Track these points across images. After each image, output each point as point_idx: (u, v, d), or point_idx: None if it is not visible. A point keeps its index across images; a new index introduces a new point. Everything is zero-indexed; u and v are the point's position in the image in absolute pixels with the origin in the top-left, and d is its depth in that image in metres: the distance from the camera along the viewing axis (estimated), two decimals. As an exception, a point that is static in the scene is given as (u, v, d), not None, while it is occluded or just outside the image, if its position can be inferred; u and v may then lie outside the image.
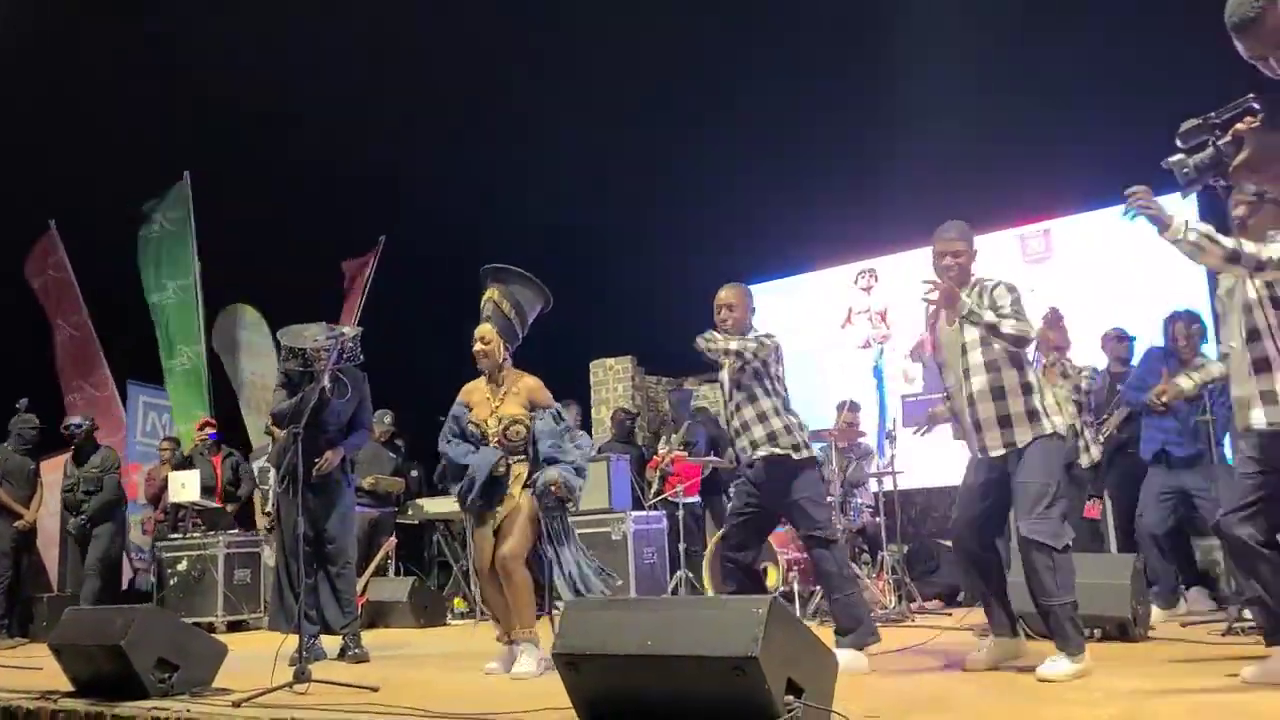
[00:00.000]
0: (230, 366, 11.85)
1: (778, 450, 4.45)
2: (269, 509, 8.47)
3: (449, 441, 4.86)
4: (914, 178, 10.14)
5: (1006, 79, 10.61)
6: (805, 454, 4.51)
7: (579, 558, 4.76)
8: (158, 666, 4.01)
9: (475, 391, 4.90)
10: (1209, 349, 5.74)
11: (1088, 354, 7.05)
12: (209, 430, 9.20)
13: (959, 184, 9.80)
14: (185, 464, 9.04)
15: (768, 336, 4.57)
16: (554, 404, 4.90)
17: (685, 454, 8.12)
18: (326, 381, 5.05)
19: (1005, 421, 3.92)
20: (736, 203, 12.32)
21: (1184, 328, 5.77)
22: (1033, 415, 3.90)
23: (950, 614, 6.48)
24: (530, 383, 4.85)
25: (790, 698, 2.66)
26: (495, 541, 4.68)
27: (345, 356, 5.20)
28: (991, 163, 10.07)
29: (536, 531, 4.68)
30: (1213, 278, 8.04)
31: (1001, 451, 3.93)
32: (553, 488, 4.58)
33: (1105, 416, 6.41)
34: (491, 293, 4.92)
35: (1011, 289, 4.00)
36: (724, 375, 4.66)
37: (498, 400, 4.81)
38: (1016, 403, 3.92)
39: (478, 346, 4.82)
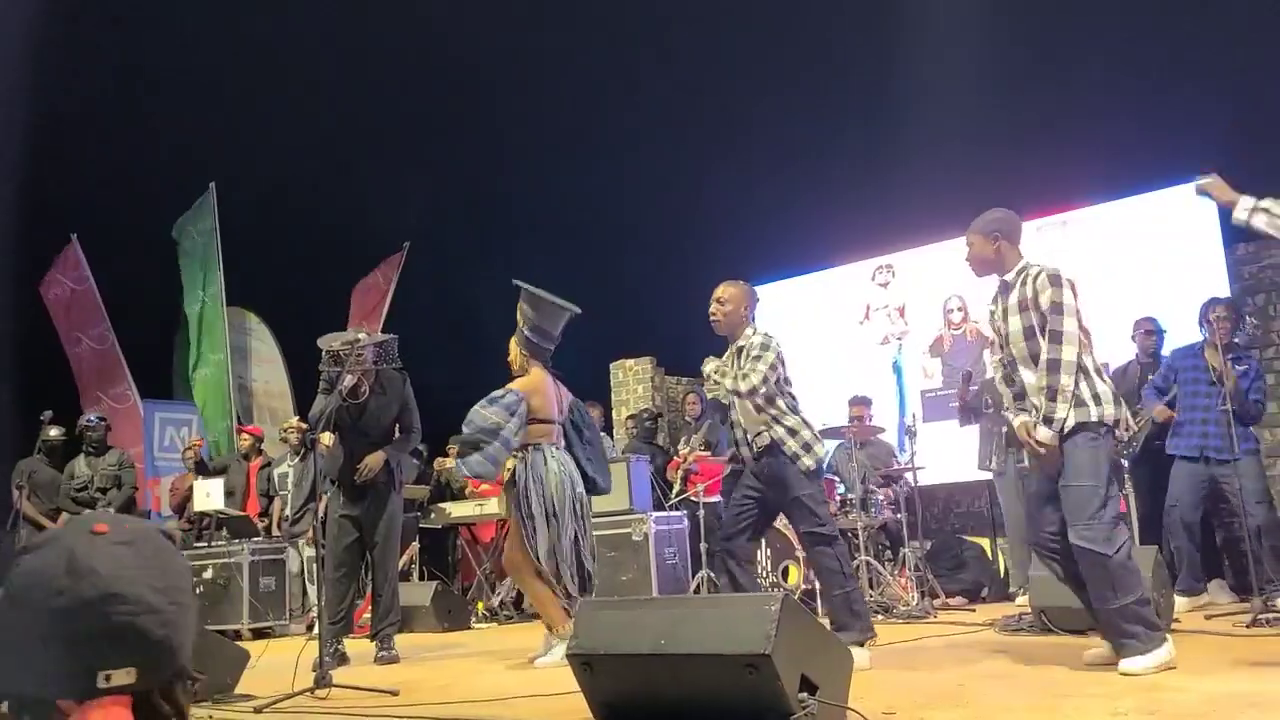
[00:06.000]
0: (237, 373, 11.88)
1: (785, 449, 4.40)
2: (287, 513, 8.55)
3: None
4: (930, 172, 10.09)
5: (1022, 71, 10.55)
6: (809, 460, 4.40)
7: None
8: (180, 673, 4.05)
9: None
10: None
11: (1114, 346, 7.00)
12: (247, 436, 9.32)
13: (975, 177, 9.74)
14: (220, 471, 9.13)
15: (766, 348, 4.44)
16: (510, 389, 5.16)
17: (708, 454, 8.11)
18: (346, 383, 5.10)
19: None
20: (755, 201, 12.31)
21: (1223, 310, 5.87)
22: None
23: (974, 610, 6.44)
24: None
25: (804, 695, 2.66)
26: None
27: (381, 359, 5.32)
28: (1007, 155, 10.02)
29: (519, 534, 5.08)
30: (1234, 268, 7.99)
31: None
32: None
33: (1137, 408, 6.36)
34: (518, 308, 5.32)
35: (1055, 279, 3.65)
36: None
37: None
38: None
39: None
